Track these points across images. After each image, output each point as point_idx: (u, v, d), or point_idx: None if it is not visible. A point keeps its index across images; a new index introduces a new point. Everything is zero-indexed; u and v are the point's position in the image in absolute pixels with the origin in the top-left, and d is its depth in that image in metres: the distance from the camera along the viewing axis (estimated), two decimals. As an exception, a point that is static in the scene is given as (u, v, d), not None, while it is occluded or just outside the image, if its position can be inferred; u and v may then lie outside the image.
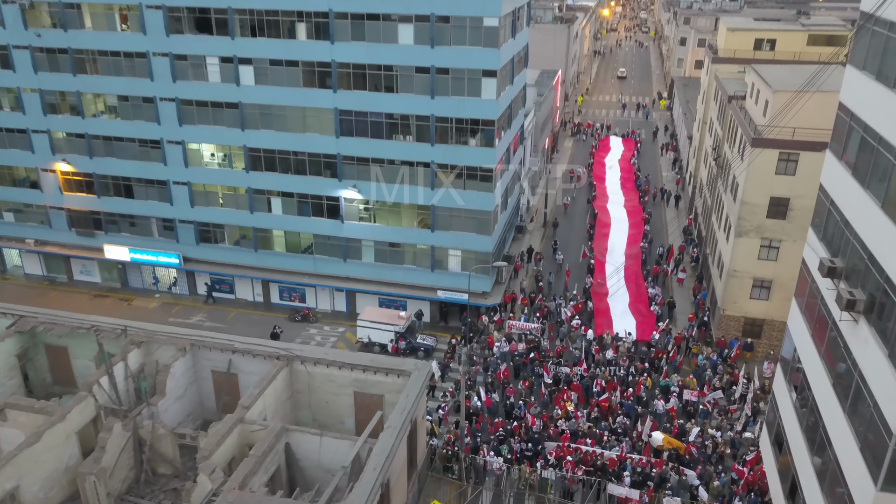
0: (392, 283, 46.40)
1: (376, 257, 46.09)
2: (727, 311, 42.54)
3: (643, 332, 43.77)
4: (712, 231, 49.91)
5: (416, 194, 43.51)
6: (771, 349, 42.40)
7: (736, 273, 41.45)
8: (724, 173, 47.74)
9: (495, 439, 34.35)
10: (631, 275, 51.36)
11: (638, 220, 60.16)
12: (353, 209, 45.15)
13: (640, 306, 46.70)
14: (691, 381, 38.94)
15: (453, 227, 43.96)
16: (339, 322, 47.67)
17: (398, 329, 43.04)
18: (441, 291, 45.27)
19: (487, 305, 45.24)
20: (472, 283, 44.87)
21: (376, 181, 43.77)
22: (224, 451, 28.17)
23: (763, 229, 40.06)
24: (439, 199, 43.23)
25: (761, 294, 41.54)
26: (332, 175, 44.36)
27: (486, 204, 42.73)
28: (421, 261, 45.47)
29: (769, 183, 38.98)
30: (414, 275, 45.79)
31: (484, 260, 44.28)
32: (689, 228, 60.42)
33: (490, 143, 41.33)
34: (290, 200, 45.94)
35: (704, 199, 56.02)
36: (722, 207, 46.52)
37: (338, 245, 46.28)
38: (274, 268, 48.22)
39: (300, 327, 47.06)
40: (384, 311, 44.43)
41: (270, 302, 49.69)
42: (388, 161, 43.19)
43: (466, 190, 42.74)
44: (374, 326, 43.35)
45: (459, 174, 42.56)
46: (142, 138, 46.48)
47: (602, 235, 57.62)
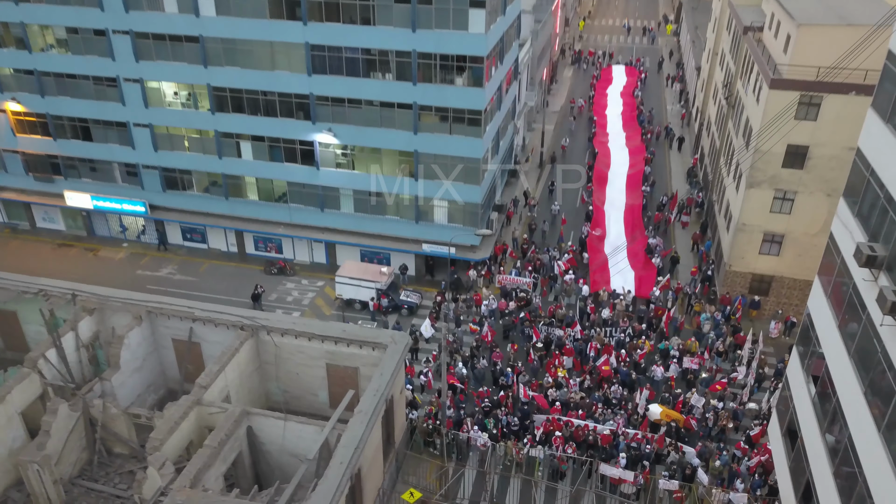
0: (374, 234, 43.11)
1: (356, 207, 42.61)
2: (733, 266, 39.44)
3: (642, 288, 40.80)
4: (720, 177, 46.24)
5: (397, 139, 39.64)
6: (779, 308, 39.54)
7: (745, 227, 38.11)
8: (736, 114, 43.66)
9: (480, 411, 31.89)
10: (631, 222, 47.99)
11: (639, 161, 56.25)
12: (330, 155, 41.35)
13: (639, 258, 43.57)
14: (692, 345, 36.25)
15: (439, 175, 40.29)
16: (319, 275, 44.65)
17: (379, 286, 40.05)
18: (426, 245, 42.03)
19: (476, 260, 42.10)
20: (461, 236, 41.59)
21: (353, 124, 39.80)
22: (179, 438, 25.60)
23: (777, 180, 36.47)
24: (423, 144, 39.39)
25: (771, 249, 38.34)
26: (305, 117, 40.33)
27: (475, 150, 38.94)
28: (404, 211, 42.02)
29: (787, 128, 35.10)
30: (397, 226, 42.44)
31: (472, 211, 40.83)
32: (694, 170, 56.62)
33: (479, 83, 37.17)
34: (261, 145, 42.05)
35: (712, 138, 52.03)
36: (731, 152, 42.71)
37: (314, 193, 42.71)
38: (247, 217, 44.80)
39: (276, 281, 44.07)
40: (365, 266, 41.32)
41: (245, 252, 46.52)
42: (365, 102, 39.09)
43: (453, 135, 38.85)
44: (353, 283, 40.34)
45: (445, 117, 38.58)
46: (96, 75, 42.13)
47: (601, 178, 53.88)
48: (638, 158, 56.78)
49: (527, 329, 37.39)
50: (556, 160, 59.30)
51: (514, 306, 39.61)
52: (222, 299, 41.91)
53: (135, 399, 30.86)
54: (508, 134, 49.04)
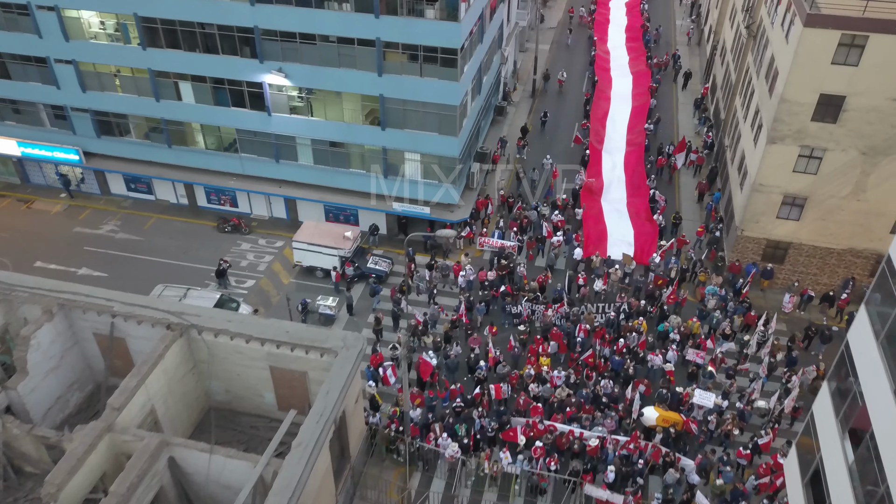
0: (338, 189, 37.87)
1: (315, 158, 37.14)
2: (746, 230, 34.50)
3: (642, 252, 36.01)
4: (735, 118, 40.45)
5: (359, 82, 33.71)
6: (795, 279, 34.91)
7: (762, 187, 32.90)
8: (758, 46, 37.41)
9: (451, 412, 27.89)
10: (632, 169, 42.58)
11: (644, 91, 50.06)
12: (282, 99, 35.46)
13: (640, 216, 38.52)
14: (695, 325, 31.92)
15: (409, 125, 34.65)
16: (278, 233, 39.70)
17: (343, 254, 35.22)
18: (397, 203, 36.87)
19: (454, 221, 37.05)
20: (437, 193, 36.41)
21: (308, 64, 33.74)
22: (86, 475, 21.60)
23: (804, 134, 30.96)
24: (389, 88, 33.51)
25: (791, 213, 33.30)
26: (252, 55, 34.20)
27: (451, 96, 33.11)
28: (372, 165, 36.59)
29: (821, 75, 29.31)
30: (364, 181, 37.12)
31: (449, 166, 35.43)
32: (704, 102, 50.44)
33: (453, 15, 30.93)
34: (203, 86, 36.05)
35: (727, 69, 45.72)
36: (750, 95, 36.81)
37: (267, 143, 37.11)
38: (194, 167, 39.37)
39: (230, 240, 39.18)
40: (327, 229, 36.31)
41: (197, 205, 41.34)
42: (320, 38, 32.90)
43: (424, 77, 32.92)
44: (313, 249, 35.49)
45: (414, 56, 32.53)
46: (3, 1, 35.55)
47: (600, 112, 47.93)
48: (642, 87, 50.54)
49: (508, 305, 32.91)
50: (549, 78, 53.65)
51: (494, 276, 34.96)
52: (170, 264, 37.33)
53: (53, 403, 26.68)
54: (494, 66, 42.78)
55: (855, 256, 33.68)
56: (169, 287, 33.35)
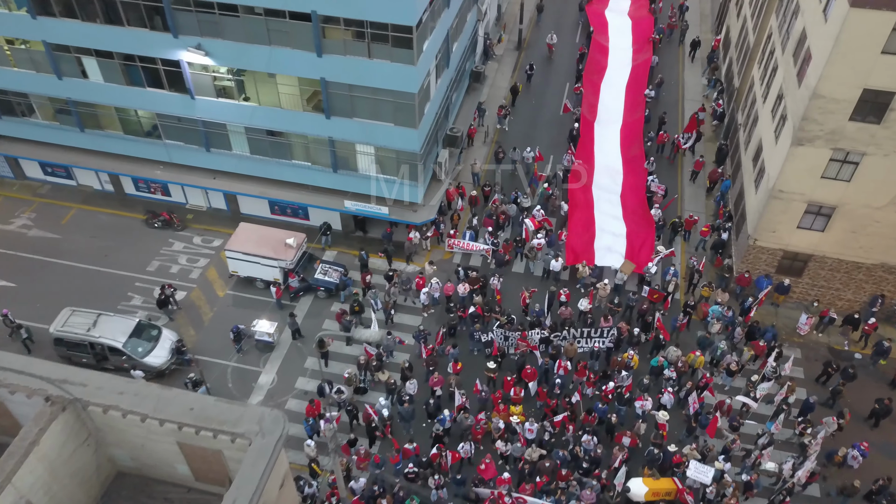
0: (283, 182, 32.21)
1: (252, 148, 31.30)
2: (759, 240, 29.19)
3: (635, 258, 30.83)
4: (752, 93, 34.25)
5: (294, 62, 27.52)
6: (815, 298, 29.90)
7: (783, 194, 27.36)
8: (784, 9, 30.82)
9: (402, 481, 23.49)
10: (628, 145, 36.77)
11: (644, 43, 43.39)
12: (206, 80, 29.30)
13: (636, 211, 33.08)
14: (697, 360, 27.14)
15: (359, 114, 28.68)
16: (217, 229, 34.24)
17: (285, 265, 30.01)
18: (349, 202, 31.31)
19: (418, 223, 31.55)
20: (396, 191, 30.84)
21: (231, 40, 27.47)
22: None
23: (839, 136, 25.18)
24: (332, 71, 27.39)
25: (815, 223, 27.90)
26: (164, 28, 27.82)
27: (406, 82, 27.02)
28: (318, 157, 30.82)
29: (868, 66, 23.29)
30: (310, 174, 31.45)
31: (410, 161, 29.67)
32: (715, 57, 43.71)
33: (407, -16, 24.53)
34: (111, 63, 29.79)
35: (744, 24, 38.97)
36: (772, 71, 30.56)
37: (194, 130, 31.18)
38: (113, 153, 33.55)
39: (160, 238, 33.79)
40: (266, 234, 30.83)
41: (124, 192, 35.68)
42: (244, 9, 26.50)
43: (374, 59, 26.73)
44: (250, 259, 30.24)
45: (361, 34, 26.23)
46: None
47: (595, 73, 41.49)
48: (643, 39, 43.84)
49: (477, 333, 28.00)
50: (543, 9, 48.42)
51: (464, 291, 29.88)
52: (89, 271, 32.22)
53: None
54: (469, 26, 36.09)
55: (887, 272, 28.54)
56: (77, 312, 28.27)
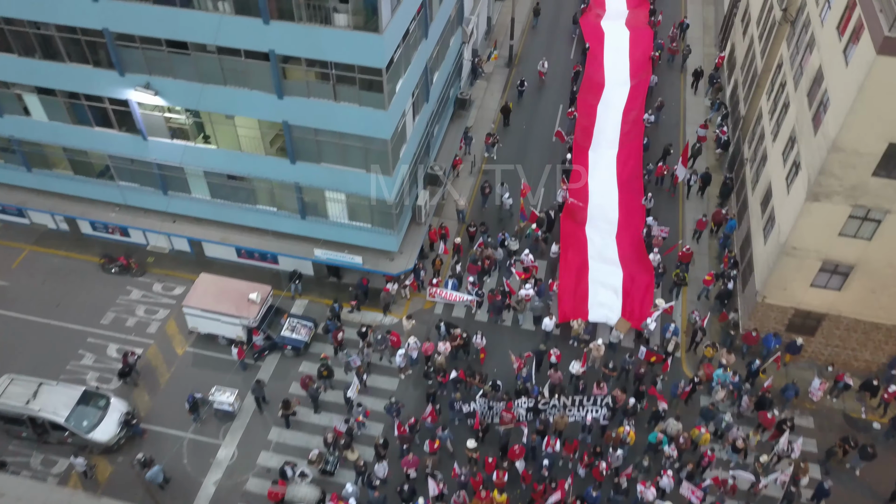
0: (247, 228, 29.48)
1: (213, 192, 28.56)
2: (769, 297, 26.52)
3: (633, 312, 28.18)
4: (760, 126, 31.46)
5: (254, 104, 24.74)
6: (829, 361, 27.28)
7: (796, 251, 24.66)
8: (797, 38, 27.99)
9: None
10: (626, 177, 34.09)
11: (644, 61, 40.56)
12: (158, 121, 26.50)
13: (633, 256, 30.39)
14: (703, 436, 24.51)
15: (327, 158, 25.92)
16: (180, 274, 31.52)
17: (247, 323, 27.34)
18: (320, 250, 28.59)
19: (395, 274, 28.83)
20: (370, 239, 28.15)
21: (183, 79, 24.66)
22: None
23: (861, 192, 22.46)
24: (295, 114, 24.60)
25: (831, 282, 25.21)
26: (108, 65, 25.00)
27: (378, 127, 24.24)
28: (284, 202, 28.08)
29: (892, 117, 20.56)
30: (275, 220, 28.73)
31: (384, 208, 26.92)
32: (718, 77, 40.84)
33: (372, 23, 21.64)
34: (54, 101, 26.99)
35: (751, 45, 36.10)
36: (783, 108, 27.75)
37: (149, 172, 28.40)
38: (64, 193, 30.81)
39: (116, 285, 31.07)
40: (228, 287, 28.11)
41: (80, 233, 32.92)
42: (195, 46, 23.69)
43: (340, 102, 23.94)
44: (210, 317, 27.58)
45: (325, 75, 23.42)
46: None
47: (590, 92, 38.72)
48: (642, 56, 41.04)
49: (458, 403, 25.35)
50: (539, 13, 46.57)
51: (445, 350, 27.23)
52: (37, 324, 29.58)
53: None
54: (452, 51, 33.17)
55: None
56: (16, 381, 25.63)
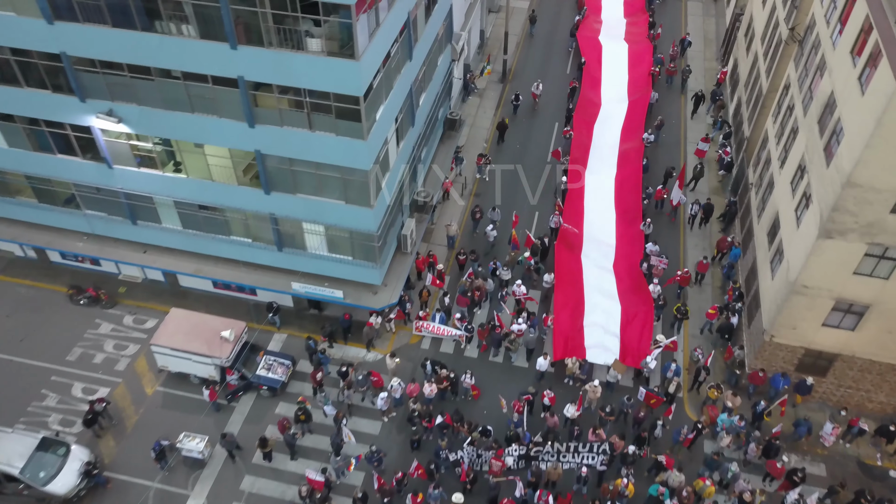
0: (222, 259, 27.76)
1: (184, 222, 26.83)
2: (777, 336, 24.80)
3: (631, 350, 26.46)
4: (766, 150, 29.78)
5: (223, 133, 23.04)
6: (841, 402, 25.57)
7: (807, 290, 22.94)
8: (805, 61, 26.30)
9: None
10: (624, 202, 32.41)
11: (643, 75, 38.97)
12: (123, 149, 24.79)
13: (631, 288, 28.68)
14: (707, 489, 22.77)
15: (304, 189, 24.22)
16: (151, 305, 29.79)
17: (220, 362, 25.62)
18: (298, 284, 26.87)
19: (378, 309, 27.09)
20: (351, 272, 26.44)
21: (148, 105, 22.96)
22: None
23: (878, 230, 20.75)
24: (268, 143, 22.90)
25: (844, 321, 23.48)
26: (68, 90, 23.30)
27: (356, 158, 22.54)
28: (260, 233, 26.36)
29: (915, 152, 18.89)
30: (251, 252, 27.01)
31: (366, 240, 25.21)
32: (720, 94, 39.13)
33: (348, 49, 19.95)
34: (13, 127, 25.27)
35: (755, 63, 34.43)
36: (791, 134, 26.06)
37: (116, 201, 26.69)
38: (28, 221, 29.10)
39: (85, 318, 29.33)
40: (200, 323, 26.37)
41: (49, 260, 31.18)
42: (159, 72, 22.01)
43: (316, 132, 22.24)
44: (180, 356, 25.86)
45: (299, 103, 21.73)
46: None
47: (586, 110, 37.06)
48: (641, 70, 39.40)
49: (443, 451, 23.60)
50: (535, 21, 45.26)
51: (431, 392, 25.50)
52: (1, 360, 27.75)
53: None
54: (440, 70, 31.48)
55: (928, 376, 24.23)
56: (-31, 428, 23.98)
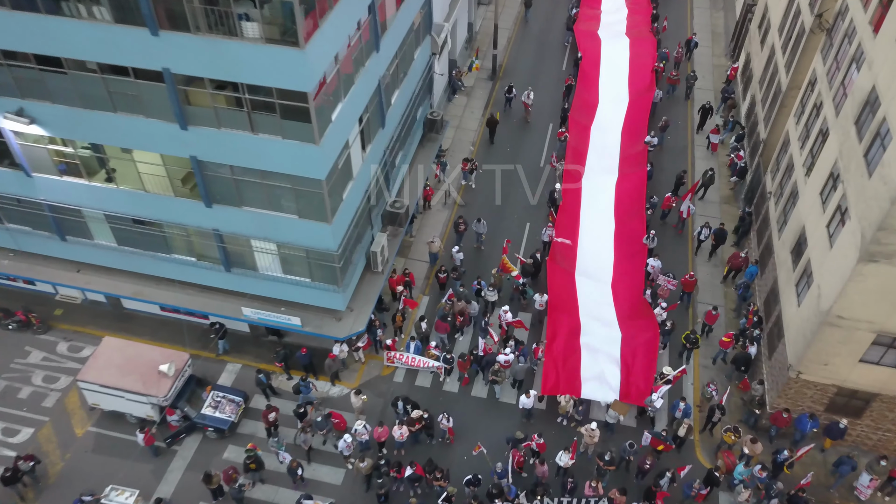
0: (166, 280, 24.20)
1: (118, 238, 23.28)
2: (806, 373, 21.25)
3: (632, 387, 22.94)
4: (787, 154, 26.25)
5: (152, 135, 19.50)
6: (878, 447, 22.02)
7: (843, 321, 19.40)
8: (835, 54, 22.76)
9: None
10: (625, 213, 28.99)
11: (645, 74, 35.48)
12: (42, 155, 21.25)
13: (632, 313, 25.18)
14: (720, 558, 19.28)
15: (250, 202, 20.69)
16: (90, 330, 26.22)
17: (157, 401, 22.12)
18: (249, 309, 23.32)
19: (341, 339, 23.53)
20: (310, 296, 22.91)
21: (63, 104, 19.43)
22: None
23: (931, 252, 17.25)
24: (204, 148, 19.38)
25: (887, 357, 19.94)
26: (-31, 85, 19.82)
27: (308, 166, 19.01)
28: (205, 251, 22.82)
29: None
30: (195, 273, 23.43)
31: (326, 260, 21.66)
32: (731, 92, 35.61)
33: (291, 35, 16.39)
34: (-87, 128, 21.78)
35: (772, 57, 30.91)
36: (820, 137, 22.53)
37: (40, 214, 23.14)
38: (-52, 237, 25.58)
39: (14, 345, 25.84)
40: (136, 355, 22.84)
41: (-25, 279, 27.72)
42: (74, 63, 18.48)
43: (258, 134, 18.71)
44: (111, 393, 22.34)
45: (238, 100, 18.20)
46: None
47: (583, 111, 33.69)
48: (643, 67, 35.93)
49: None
50: (531, 4, 41.85)
51: (402, 436, 21.95)
52: None
53: None
54: (418, 65, 27.86)
55: (981, 421, 20.69)
56: None
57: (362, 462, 20.64)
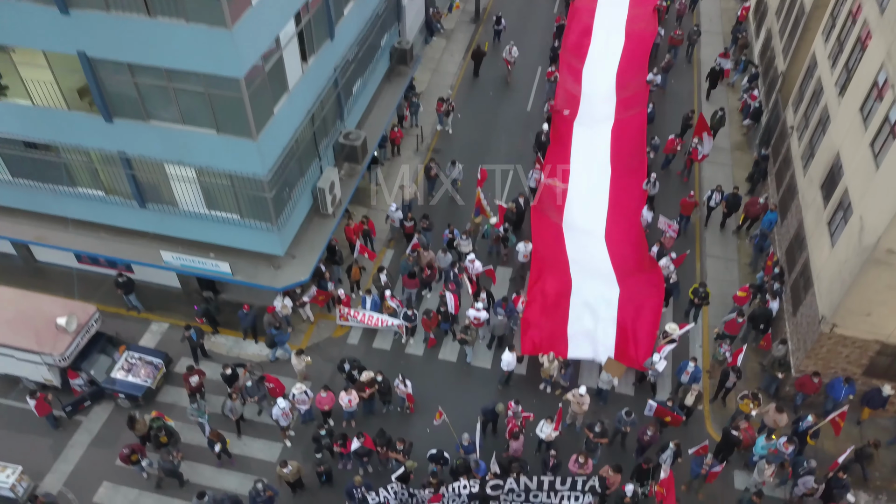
0: (74, 222, 20.31)
1: (11, 168, 19.32)
2: (842, 326, 17.38)
3: (633, 344, 19.12)
4: (814, 76, 22.38)
5: (24, 22, 15.56)
6: (932, 424, 18.21)
7: (894, 257, 15.54)
8: None
9: None
10: (623, 157, 25.13)
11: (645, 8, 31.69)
12: None
13: (631, 264, 21.36)
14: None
15: (158, 114, 16.74)
16: (-6, 287, 22.43)
17: (54, 361, 18.26)
18: (169, 253, 19.41)
19: (279, 289, 19.61)
20: (242, 237, 19.04)
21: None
22: None
23: None
24: (91, 40, 15.46)
25: (944, 303, 16.12)
26: None
27: (221, 60, 15.06)
28: (113, 183, 18.90)
29: None
30: (104, 210, 19.54)
31: (254, 189, 17.76)
32: (741, 29, 31.70)
33: None
34: None
35: (789, -20, 27.00)
36: (854, 48, 18.69)
37: (-83, 138, 19.23)
38: None
39: None
40: (30, 307, 18.96)
41: None
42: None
43: (157, 18, 14.77)
44: (1, 352, 18.50)
45: (128, -31, 14.31)
46: None
47: (575, 50, 29.87)
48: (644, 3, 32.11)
49: (359, 490, 16.20)
50: None
51: (350, 404, 18.09)
52: None
53: None
54: (383, -22, 23.90)
55: None
56: None
57: (285, 467, 16.58)
